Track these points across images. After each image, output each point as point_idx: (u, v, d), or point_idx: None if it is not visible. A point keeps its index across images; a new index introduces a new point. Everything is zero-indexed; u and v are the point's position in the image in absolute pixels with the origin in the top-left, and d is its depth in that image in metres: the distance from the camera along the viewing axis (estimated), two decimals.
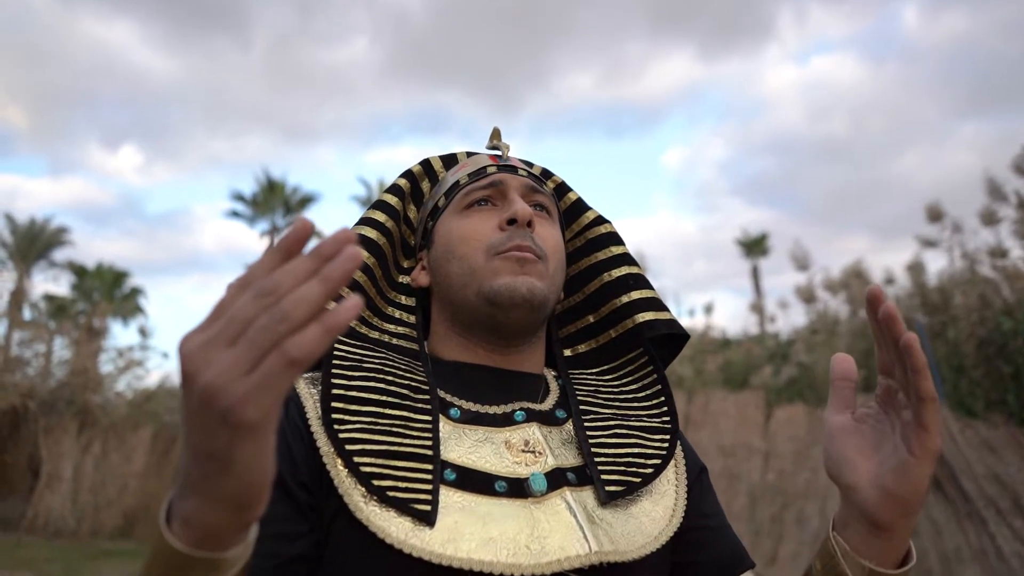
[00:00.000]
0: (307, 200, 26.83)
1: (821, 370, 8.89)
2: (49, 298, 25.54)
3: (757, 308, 17.63)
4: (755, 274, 29.58)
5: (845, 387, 0.70)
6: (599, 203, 1.02)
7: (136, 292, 29.63)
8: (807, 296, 10.92)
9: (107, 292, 28.09)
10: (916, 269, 9.54)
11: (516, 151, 1.01)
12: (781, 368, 9.82)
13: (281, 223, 26.44)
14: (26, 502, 10.63)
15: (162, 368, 29.25)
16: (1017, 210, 8.57)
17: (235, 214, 27.03)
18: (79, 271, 28.37)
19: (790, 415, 8.21)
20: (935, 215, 9.57)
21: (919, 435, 0.62)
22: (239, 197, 26.86)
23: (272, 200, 26.29)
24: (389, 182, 0.99)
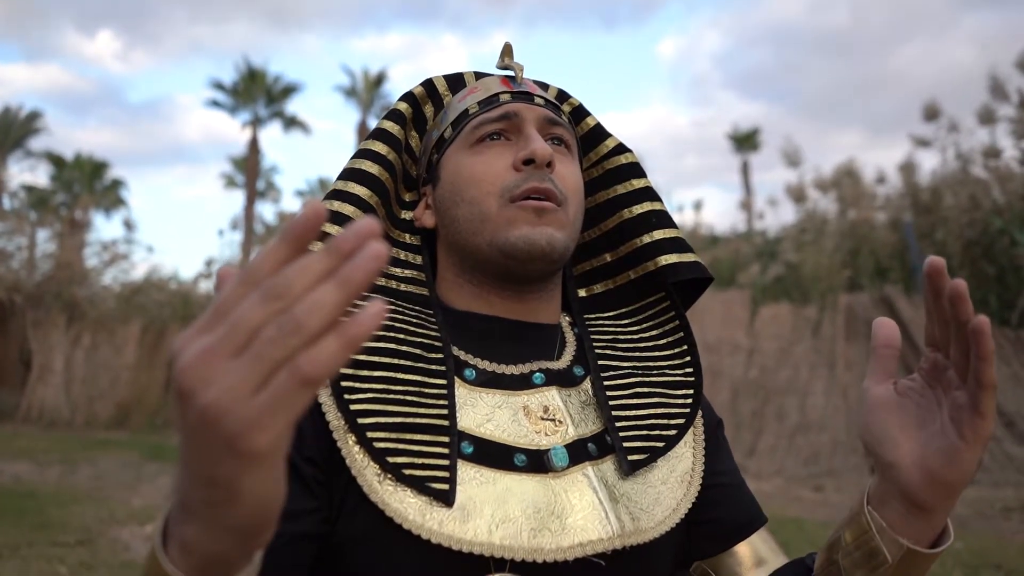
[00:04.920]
0: (290, 89, 25.82)
1: (808, 269, 8.94)
2: (28, 189, 25.10)
3: (746, 205, 17.58)
4: (745, 170, 29.38)
5: (888, 355, 0.65)
6: (591, 95, 0.94)
7: (118, 184, 29.06)
8: (797, 195, 10.85)
9: (87, 183, 27.54)
10: (908, 169, 9.45)
11: (509, 40, 0.90)
12: (768, 266, 9.86)
13: (263, 113, 25.63)
14: (19, 394, 10.79)
15: (148, 261, 29.27)
16: (1018, 109, 8.41)
17: (215, 103, 26.16)
18: (58, 161, 27.67)
19: (775, 313, 8.32)
20: (932, 113, 9.39)
21: (973, 421, 0.59)
22: (219, 86, 25.86)
23: (253, 90, 25.34)
24: (374, 72, 0.89)
